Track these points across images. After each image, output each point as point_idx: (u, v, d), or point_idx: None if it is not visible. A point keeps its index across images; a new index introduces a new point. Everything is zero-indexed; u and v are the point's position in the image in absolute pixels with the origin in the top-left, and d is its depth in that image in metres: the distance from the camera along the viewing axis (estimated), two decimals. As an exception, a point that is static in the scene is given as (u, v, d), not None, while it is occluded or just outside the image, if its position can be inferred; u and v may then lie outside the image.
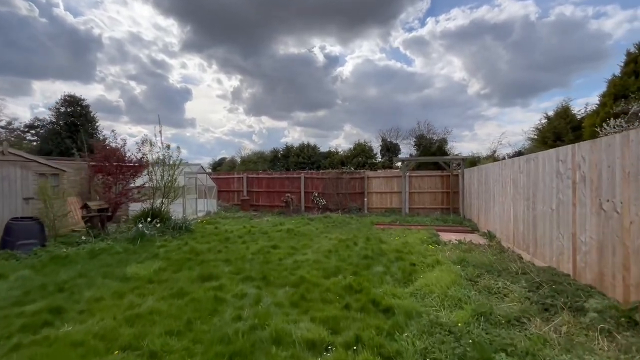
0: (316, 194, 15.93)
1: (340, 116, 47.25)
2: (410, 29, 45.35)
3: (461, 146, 56.49)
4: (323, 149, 27.77)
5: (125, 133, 52.54)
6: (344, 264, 6.25)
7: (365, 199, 15.30)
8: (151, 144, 9.89)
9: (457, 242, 7.85)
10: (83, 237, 7.91)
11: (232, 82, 49.99)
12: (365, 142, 25.53)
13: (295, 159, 25.85)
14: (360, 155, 23.90)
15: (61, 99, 20.26)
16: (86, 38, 40.96)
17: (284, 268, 5.98)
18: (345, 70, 48.18)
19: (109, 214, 8.81)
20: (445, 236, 9.04)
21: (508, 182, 7.65)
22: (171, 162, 9.93)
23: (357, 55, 46.76)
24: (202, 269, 5.85)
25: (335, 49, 48.24)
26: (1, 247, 6.73)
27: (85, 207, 8.20)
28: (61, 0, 41.38)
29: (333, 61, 47.57)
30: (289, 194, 15.67)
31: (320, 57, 45.84)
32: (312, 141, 29.39)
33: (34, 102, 43.33)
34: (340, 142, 60.60)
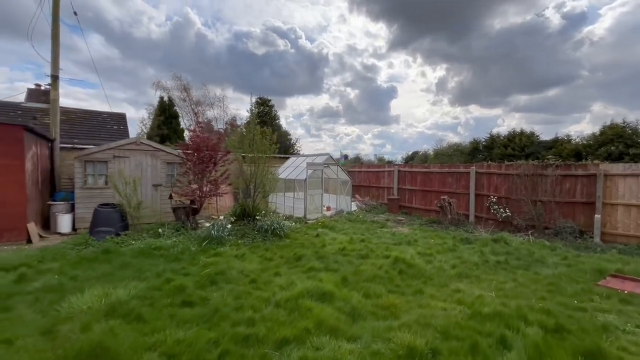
0: (494, 199, 10.02)
1: (586, 93, 32.98)
2: None
3: None
4: (548, 136, 19.35)
5: (342, 133, 60.62)
6: None
7: (598, 215, 7.98)
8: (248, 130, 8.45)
9: None
10: (160, 230, 7.40)
11: (437, 73, 46.69)
12: (626, 123, 15.22)
13: (501, 150, 19.23)
14: (613, 143, 14.30)
15: (255, 100, 24.00)
16: (318, 58, 50.30)
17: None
18: (598, 28, 33.07)
19: (195, 206, 8.07)
20: None
21: None
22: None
23: (621, 2, 30.65)
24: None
25: (580, 3, 34.03)
26: (89, 230, 7.02)
27: (170, 197, 7.74)
28: (303, 33, 52.35)
29: (576, 21, 33.77)
30: (445, 197, 10.67)
31: (555, 20, 33.57)
32: (538, 129, 21.38)
33: (287, 114, 57.71)
34: (583, 127, 43.18)
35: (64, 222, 8.24)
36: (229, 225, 7.22)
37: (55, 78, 9.96)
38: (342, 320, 3.61)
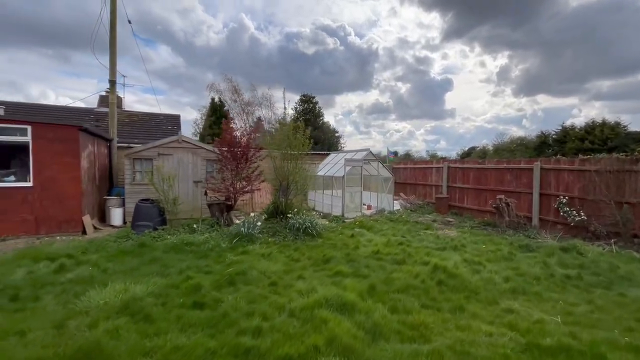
0: (564, 200, 8.48)
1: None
2: None
3: None
4: (638, 127, 16.48)
5: (392, 129, 59.45)
6: None
7: None
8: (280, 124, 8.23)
9: None
10: (195, 225, 7.50)
11: (498, 61, 43.03)
12: None
13: (575, 144, 16.79)
14: None
15: (299, 98, 24.05)
16: (367, 54, 49.71)
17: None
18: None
19: (229, 203, 8.06)
20: None
21: None
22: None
23: None
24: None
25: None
26: (131, 224, 7.37)
27: (205, 194, 7.83)
28: (352, 29, 52.24)
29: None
30: (502, 196, 9.32)
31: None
32: (625, 119, 18.40)
33: (336, 112, 58.32)
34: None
35: (116, 216, 8.87)
36: (259, 223, 7.06)
37: (112, 83, 10.83)
38: (359, 338, 3.10)
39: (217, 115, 23.99)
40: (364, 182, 12.45)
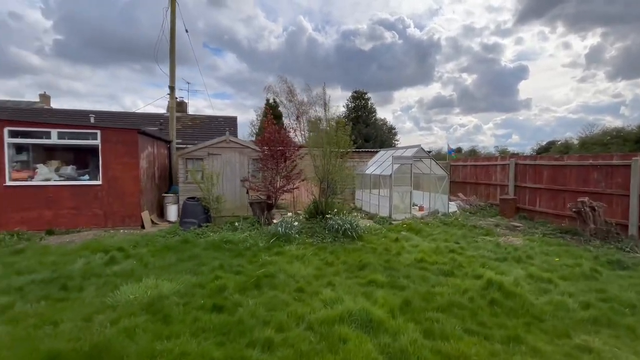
0: (675, 205, 6.66)
1: None
2: None
3: None
4: None
5: (456, 124, 56.00)
6: None
7: None
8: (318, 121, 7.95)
9: None
10: (237, 224, 7.61)
11: (588, 41, 37.31)
12: None
13: None
14: None
15: (351, 94, 23.50)
16: (428, 45, 47.44)
17: None
18: None
19: (270, 202, 8.01)
20: None
21: None
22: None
23: None
24: None
25: None
26: (179, 221, 7.77)
27: (247, 192, 7.90)
28: (412, 21, 50.49)
29: None
30: (585, 199, 7.69)
31: None
32: None
33: (394, 108, 57.13)
34: None
35: (171, 212, 9.53)
36: (296, 223, 6.88)
37: (172, 89, 11.69)
38: (379, 366, 2.65)
39: (271, 115, 24.82)
40: (416, 181, 11.57)
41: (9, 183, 7.59)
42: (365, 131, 22.13)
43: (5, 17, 48.30)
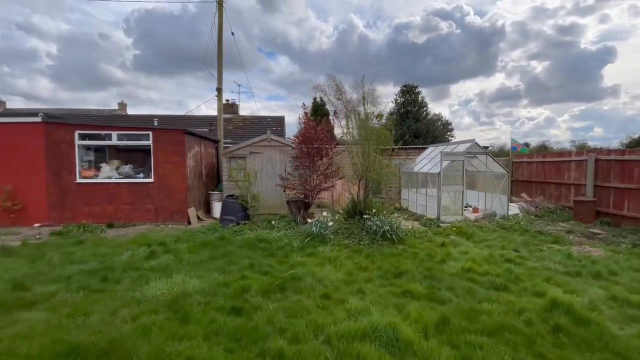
0: None
1: None
2: None
3: None
4: None
5: (523, 117, 51.07)
6: None
7: None
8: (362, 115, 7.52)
9: None
10: (273, 222, 7.54)
11: None
12: None
13: None
14: None
15: (400, 89, 22.35)
16: (490, 33, 43.75)
17: None
18: None
19: (307, 200, 7.78)
20: None
21: None
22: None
23: None
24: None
25: None
26: (219, 218, 7.94)
27: (284, 191, 7.78)
28: (471, 8, 47.28)
29: None
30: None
31: None
32: None
33: (451, 102, 54.15)
34: None
35: (216, 209, 9.88)
36: (330, 223, 6.57)
37: (219, 91, 12.16)
38: (401, 398, 2.22)
39: (318, 113, 24.78)
40: (469, 180, 10.52)
41: (79, 180, 8.52)
42: (415, 127, 20.82)
43: (96, 38, 55.93)
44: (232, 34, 13.12)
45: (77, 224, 8.12)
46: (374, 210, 6.99)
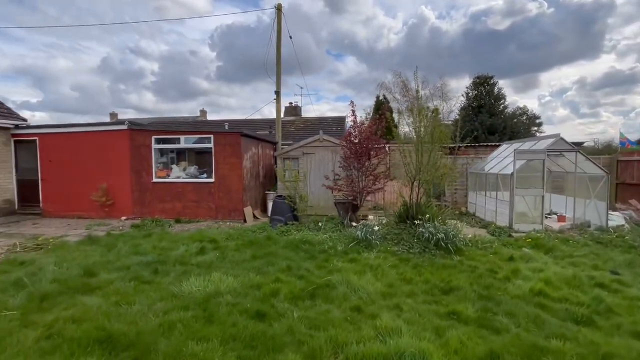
0: None
1: None
2: None
3: None
4: None
5: (639, 106, 42.76)
6: None
7: None
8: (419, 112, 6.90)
9: None
10: (320, 224, 7.36)
11: None
12: None
13: None
14: None
15: (472, 81, 20.15)
16: (594, 7, 37.55)
17: None
18: None
19: (355, 202, 7.38)
20: None
21: None
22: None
23: None
24: None
25: None
26: (269, 218, 8.06)
27: (332, 192, 7.54)
28: None
29: None
30: None
31: None
32: None
33: (541, 93, 47.94)
34: None
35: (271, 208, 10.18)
36: (376, 228, 6.12)
37: (277, 94, 12.54)
38: None
39: (380, 112, 24.04)
40: (554, 183, 8.92)
41: (154, 180, 9.62)
42: (489, 122, 18.42)
43: (188, 55, 64.08)
44: (290, 37, 13.33)
45: (152, 218, 9.15)
46: (427, 215, 6.31)
